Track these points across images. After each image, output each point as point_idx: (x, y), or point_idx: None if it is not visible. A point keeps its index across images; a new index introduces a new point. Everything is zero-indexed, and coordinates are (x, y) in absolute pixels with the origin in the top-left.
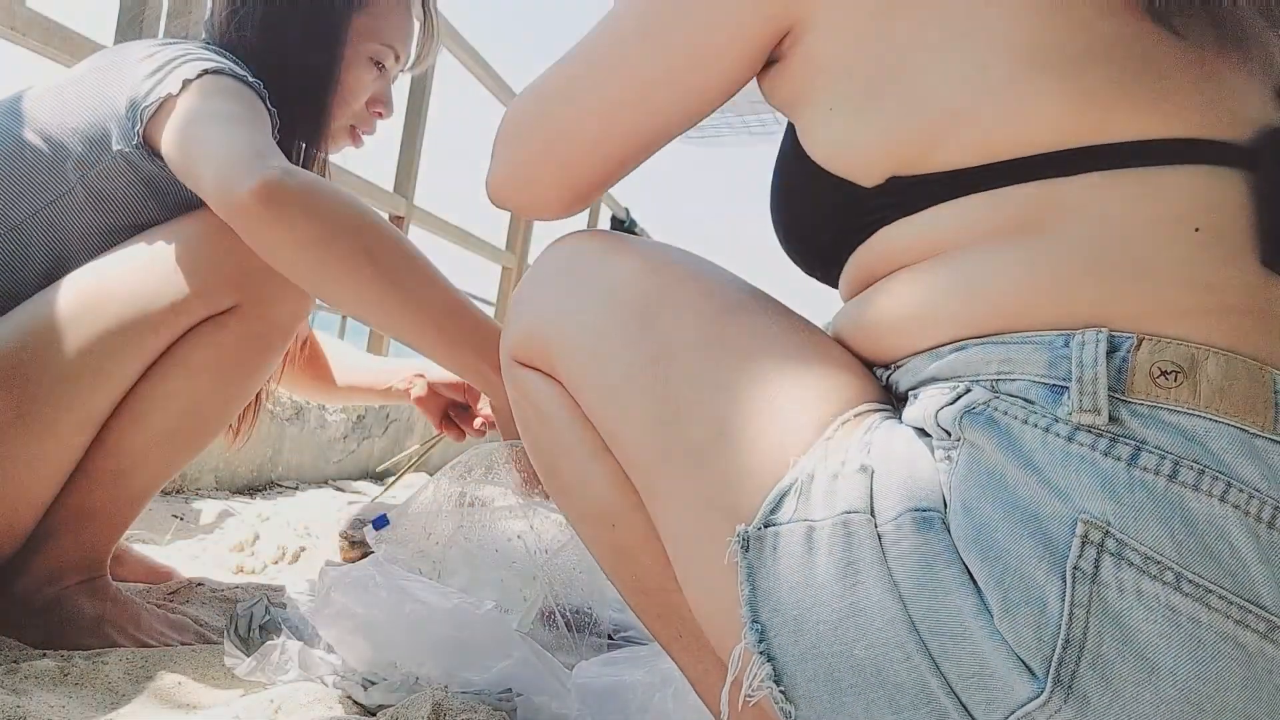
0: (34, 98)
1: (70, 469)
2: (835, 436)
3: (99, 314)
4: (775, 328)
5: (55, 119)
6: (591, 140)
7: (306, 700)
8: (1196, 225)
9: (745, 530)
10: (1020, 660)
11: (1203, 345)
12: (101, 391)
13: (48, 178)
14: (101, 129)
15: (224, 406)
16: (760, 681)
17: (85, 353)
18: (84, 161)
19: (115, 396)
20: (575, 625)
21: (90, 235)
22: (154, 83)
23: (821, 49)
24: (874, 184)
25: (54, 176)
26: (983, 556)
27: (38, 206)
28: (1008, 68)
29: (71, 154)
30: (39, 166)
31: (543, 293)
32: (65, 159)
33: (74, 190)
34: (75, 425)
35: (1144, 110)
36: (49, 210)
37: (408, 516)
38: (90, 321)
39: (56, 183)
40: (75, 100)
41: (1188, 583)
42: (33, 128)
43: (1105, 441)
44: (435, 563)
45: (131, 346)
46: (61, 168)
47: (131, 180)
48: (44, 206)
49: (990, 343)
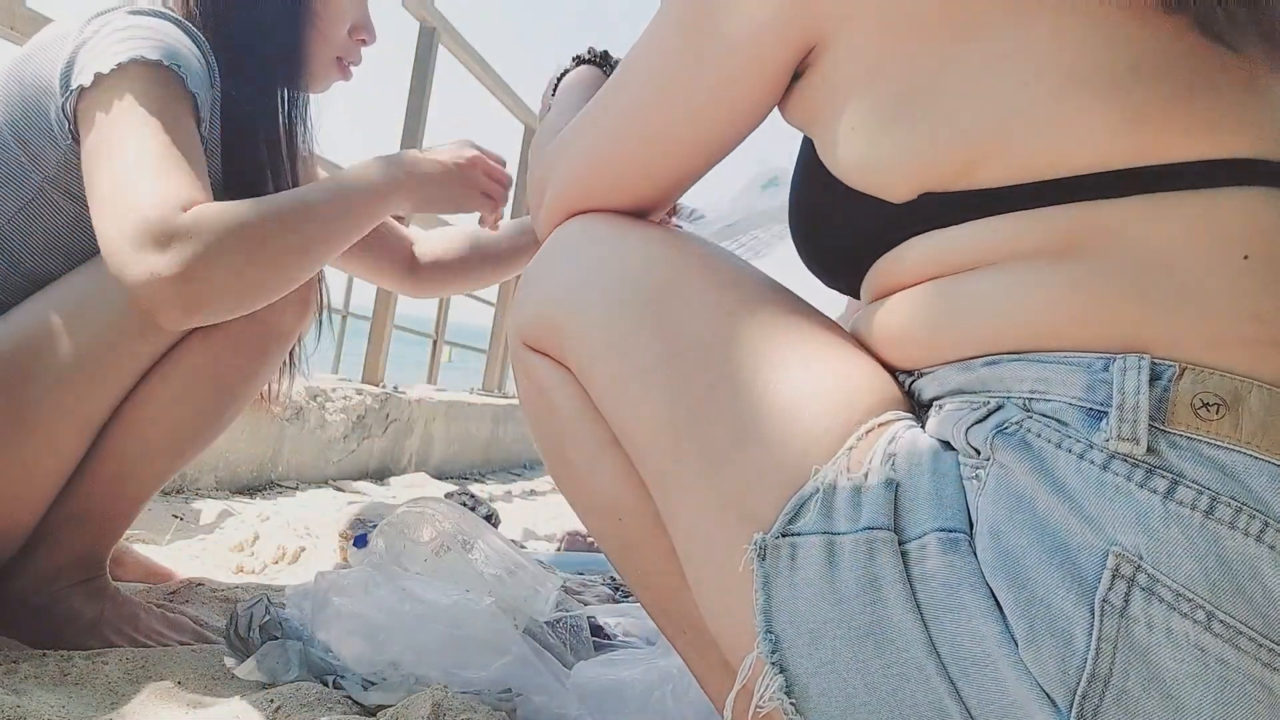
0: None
1: (69, 471)
2: (858, 446)
3: (98, 316)
4: (794, 325)
5: (5, 114)
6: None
7: (306, 700)
8: (1246, 252)
9: (762, 538)
10: (1043, 691)
11: (1247, 378)
12: (101, 394)
13: (15, 177)
14: (46, 119)
15: (222, 411)
16: (771, 693)
17: (85, 355)
18: (41, 158)
19: (114, 399)
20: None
21: (72, 230)
22: (74, 68)
23: (842, 69)
24: (905, 200)
25: (21, 175)
26: (1009, 583)
27: (12, 210)
28: (1050, 86)
29: (29, 149)
30: (5, 169)
31: (554, 275)
32: (26, 155)
33: (42, 190)
34: (74, 428)
35: (1196, 130)
36: (24, 213)
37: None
38: (90, 324)
39: (24, 183)
40: (19, 90)
41: (1219, 623)
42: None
43: (1142, 472)
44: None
45: (131, 349)
46: (25, 165)
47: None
48: (17, 211)
49: (1025, 360)
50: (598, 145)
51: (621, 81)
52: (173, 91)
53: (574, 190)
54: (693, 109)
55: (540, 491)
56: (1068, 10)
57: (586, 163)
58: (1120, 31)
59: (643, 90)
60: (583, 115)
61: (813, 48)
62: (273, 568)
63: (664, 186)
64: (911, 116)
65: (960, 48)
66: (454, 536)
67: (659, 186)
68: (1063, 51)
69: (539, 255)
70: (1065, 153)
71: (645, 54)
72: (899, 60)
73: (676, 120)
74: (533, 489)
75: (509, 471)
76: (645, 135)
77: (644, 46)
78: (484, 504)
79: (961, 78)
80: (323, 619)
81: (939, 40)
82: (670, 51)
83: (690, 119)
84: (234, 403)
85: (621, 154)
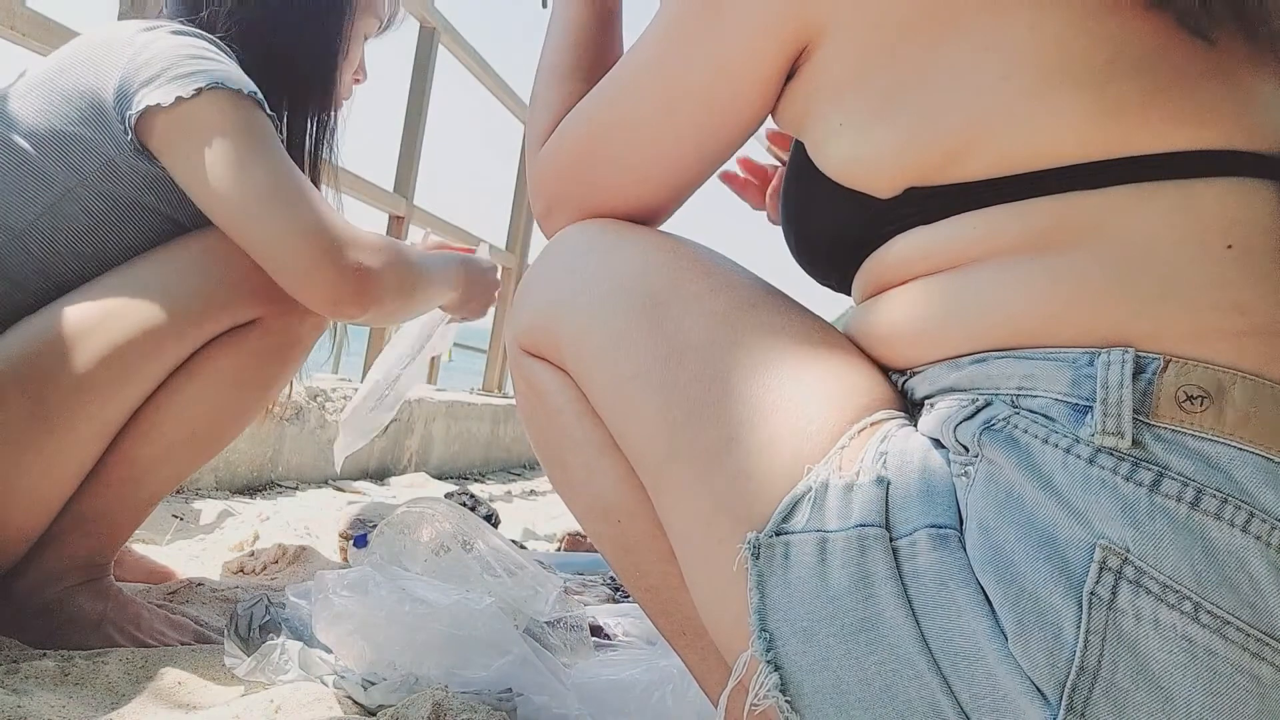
0: (20, 95)
1: (85, 473)
2: (850, 445)
3: (122, 321)
4: (788, 327)
5: (44, 120)
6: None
7: (306, 700)
8: (1229, 242)
9: (756, 537)
10: (1033, 685)
11: (1230, 370)
12: (120, 398)
13: (44, 181)
14: (92, 127)
15: (238, 418)
16: (766, 690)
17: (107, 359)
18: (78, 162)
19: (133, 403)
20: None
21: (95, 238)
22: (133, 84)
23: (832, 68)
24: (891, 195)
25: (50, 180)
26: (998, 578)
27: (39, 211)
28: (1029, 79)
29: (65, 155)
30: (34, 170)
31: (552, 281)
32: (60, 160)
33: (72, 192)
34: (93, 430)
35: (1174, 121)
36: (50, 214)
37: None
38: (113, 328)
39: (54, 186)
40: (61, 98)
41: (1206, 613)
42: (23, 129)
43: (1127, 466)
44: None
45: (153, 355)
46: (57, 170)
47: (131, 181)
48: (45, 210)
49: (1011, 356)
50: (593, 152)
51: (618, 85)
52: (264, 119)
53: (570, 197)
54: (690, 115)
55: (540, 491)
56: (1046, 6)
57: (582, 168)
58: (1098, 26)
59: (639, 96)
60: (578, 117)
61: (805, 47)
62: (273, 568)
63: (663, 194)
64: (896, 111)
65: (943, 44)
66: (454, 536)
67: (658, 193)
68: (1041, 46)
69: (536, 262)
70: (1045, 145)
71: (642, 59)
72: (885, 57)
73: (674, 126)
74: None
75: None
76: (640, 141)
77: (641, 51)
78: (484, 504)
79: (944, 72)
80: (323, 619)
81: (923, 37)
82: (667, 56)
83: (687, 125)
84: (250, 409)
85: (617, 162)
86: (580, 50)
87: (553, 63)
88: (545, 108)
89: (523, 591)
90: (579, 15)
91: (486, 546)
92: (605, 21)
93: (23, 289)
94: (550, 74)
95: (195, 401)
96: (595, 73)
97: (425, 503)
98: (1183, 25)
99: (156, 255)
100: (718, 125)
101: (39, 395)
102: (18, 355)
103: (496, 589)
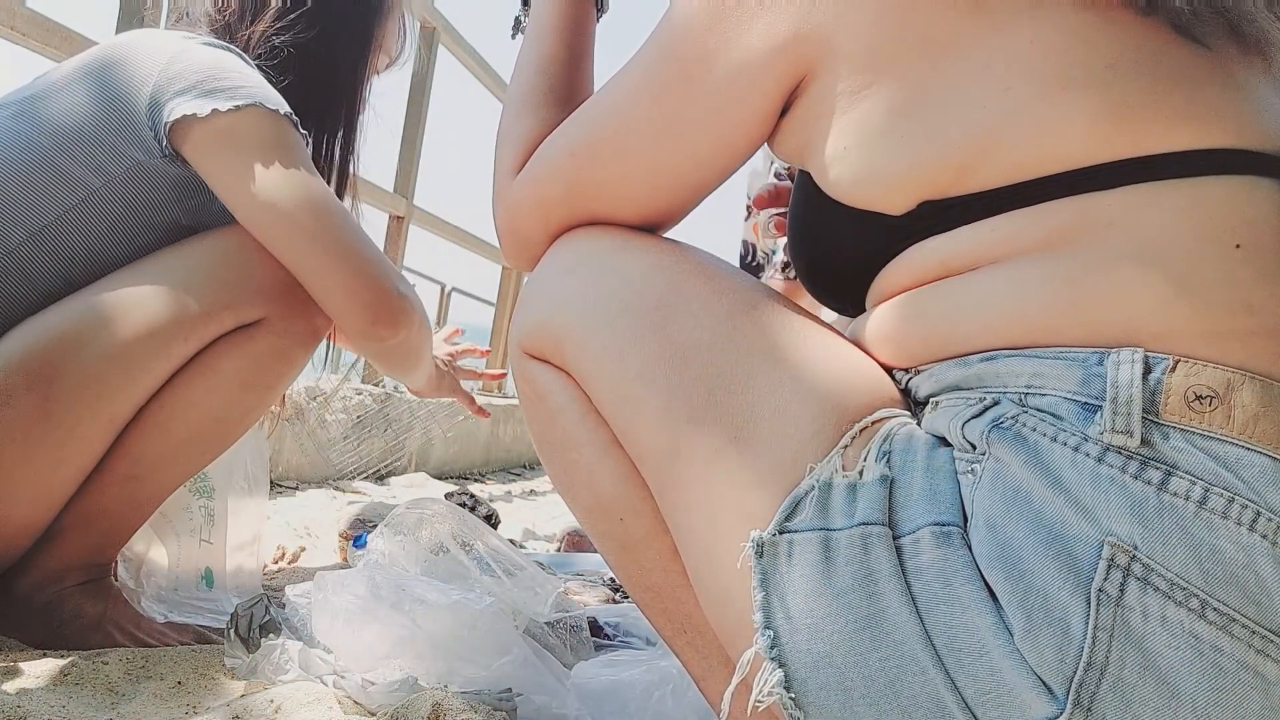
0: (44, 96)
1: (89, 470)
2: (853, 444)
3: (130, 319)
4: (790, 328)
5: (71, 120)
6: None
7: (306, 700)
8: (1238, 241)
9: (760, 536)
10: (1040, 680)
11: (1239, 370)
12: (126, 396)
13: (67, 182)
14: (120, 131)
15: (243, 417)
16: (770, 687)
17: (114, 357)
18: (104, 166)
19: (139, 401)
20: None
21: (110, 239)
22: (172, 91)
23: (831, 95)
24: (904, 210)
25: (73, 181)
26: (1006, 574)
27: (59, 212)
28: (1033, 88)
29: (91, 157)
30: (56, 171)
31: (556, 286)
32: (86, 162)
33: (96, 194)
34: (99, 428)
35: (1177, 121)
36: (71, 215)
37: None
38: (120, 326)
39: (77, 188)
40: (89, 100)
41: (1212, 610)
42: (48, 128)
43: (1136, 464)
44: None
45: (160, 353)
46: (81, 171)
47: (155, 185)
48: (66, 211)
49: (1021, 355)
50: (580, 179)
51: (609, 110)
52: (300, 139)
53: (551, 224)
54: (685, 145)
55: (540, 491)
56: (1045, 20)
57: (571, 195)
58: (1097, 35)
59: (633, 125)
60: (562, 139)
61: (803, 78)
62: (272, 568)
63: (651, 222)
64: (903, 128)
65: (945, 63)
66: (453, 537)
67: (646, 222)
68: (1043, 56)
69: (539, 268)
70: (1054, 149)
71: (633, 86)
72: (887, 78)
73: (669, 156)
74: (533, 489)
75: (509, 471)
76: (629, 172)
77: (631, 78)
78: (484, 504)
79: (947, 89)
80: (323, 619)
81: (925, 58)
82: (661, 87)
83: (682, 155)
84: (255, 409)
85: (609, 183)
86: (554, 82)
87: (521, 94)
88: (515, 141)
89: (522, 591)
90: (551, 49)
91: (485, 547)
92: (578, 57)
93: (36, 288)
94: (520, 106)
95: (199, 400)
96: (568, 106)
97: (425, 503)
98: (1177, 31)
99: (163, 255)
100: (717, 160)
101: (46, 391)
102: (26, 351)
103: (496, 589)
